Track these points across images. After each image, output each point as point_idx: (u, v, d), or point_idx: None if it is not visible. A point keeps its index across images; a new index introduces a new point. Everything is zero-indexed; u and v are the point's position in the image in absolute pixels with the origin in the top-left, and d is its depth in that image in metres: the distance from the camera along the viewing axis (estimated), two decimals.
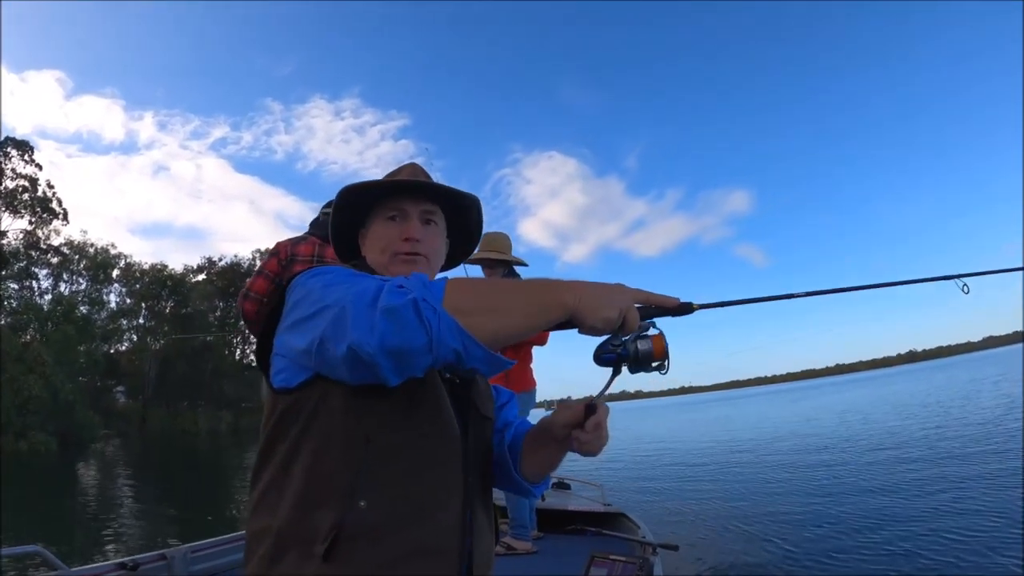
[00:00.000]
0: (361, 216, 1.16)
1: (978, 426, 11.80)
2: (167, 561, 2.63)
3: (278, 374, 0.92)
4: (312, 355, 0.82)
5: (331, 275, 0.90)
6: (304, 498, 0.84)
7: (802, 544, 5.26)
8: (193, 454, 26.94)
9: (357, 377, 0.79)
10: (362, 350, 0.73)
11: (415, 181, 1.11)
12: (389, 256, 1.09)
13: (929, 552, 4.62)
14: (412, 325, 0.73)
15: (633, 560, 2.41)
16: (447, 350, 0.75)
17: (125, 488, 14.55)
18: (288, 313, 0.91)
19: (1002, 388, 21.54)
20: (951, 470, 7.74)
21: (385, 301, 0.74)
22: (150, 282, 48.00)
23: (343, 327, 0.76)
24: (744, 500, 7.51)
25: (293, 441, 0.88)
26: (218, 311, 58.26)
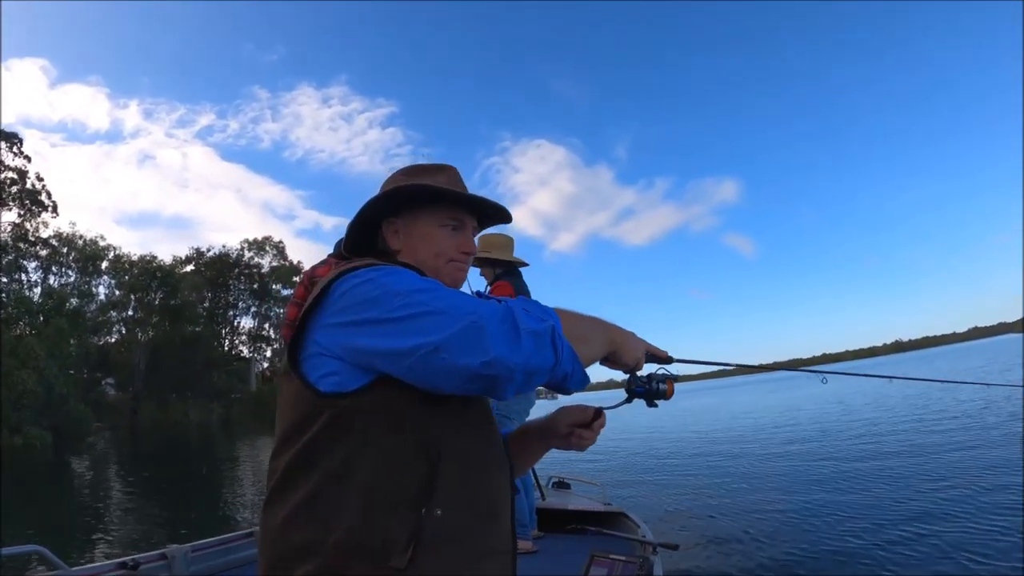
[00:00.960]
0: (394, 208, 1.12)
1: (967, 419, 12.03)
2: (168, 560, 2.61)
3: (328, 377, 0.88)
4: (413, 358, 0.81)
5: (410, 277, 0.90)
6: (371, 509, 0.83)
7: (804, 542, 5.28)
8: (186, 447, 27.01)
9: (461, 389, 0.83)
10: (507, 368, 0.78)
11: (489, 202, 1.13)
12: (440, 261, 1.10)
13: (930, 549, 4.64)
14: (547, 349, 0.81)
15: (633, 559, 2.41)
16: (562, 372, 0.84)
17: (123, 485, 14.57)
18: (347, 310, 0.88)
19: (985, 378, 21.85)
20: (954, 464, 7.82)
21: (529, 324, 0.81)
22: (139, 273, 47.69)
23: (478, 340, 0.78)
24: (744, 497, 7.53)
25: (349, 448, 0.86)
26: (206, 302, 58.22)
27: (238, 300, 63.08)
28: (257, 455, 20.23)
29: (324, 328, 0.90)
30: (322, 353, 0.89)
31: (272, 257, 65.41)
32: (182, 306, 49.47)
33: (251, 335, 64.60)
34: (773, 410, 24.08)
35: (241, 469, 17.31)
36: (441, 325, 0.80)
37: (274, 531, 0.86)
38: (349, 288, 0.89)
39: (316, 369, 0.89)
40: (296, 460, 0.87)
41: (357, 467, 0.85)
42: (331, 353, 0.88)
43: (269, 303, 64.48)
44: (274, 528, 0.87)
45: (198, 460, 20.40)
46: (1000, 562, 4.23)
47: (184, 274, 54.47)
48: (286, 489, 0.87)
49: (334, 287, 0.91)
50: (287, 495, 0.87)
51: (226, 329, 61.61)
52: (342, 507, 0.83)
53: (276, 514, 0.87)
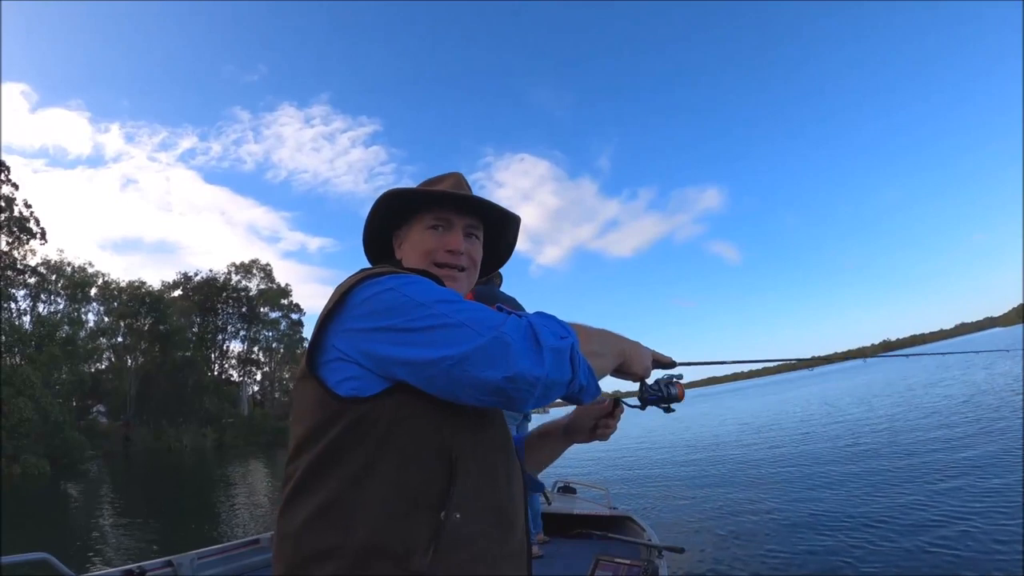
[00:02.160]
0: (398, 220, 1.17)
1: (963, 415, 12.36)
2: (173, 568, 2.62)
3: (347, 381, 0.89)
4: (436, 369, 0.83)
5: (431, 287, 0.91)
6: (391, 513, 0.84)
7: (807, 544, 5.30)
8: (181, 472, 26.79)
9: (481, 401, 0.84)
10: (527, 380, 0.80)
11: (466, 195, 1.13)
12: (428, 264, 1.11)
13: (934, 550, 4.63)
14: (566, 365, 0.83)
15: (638, 563, 2.40)
16: (578, 386, 0.87)
17: (124, 509, 14.38)
18: (368, 317, 0.89)
19: (970, 375, 22.48)
20: (960, 458, 7.95)
21: (550, 341, 0.83)
22: (128, 300, 47.29)
23: (502, 355, 0.80)
24: (748, 501, 7.52)
25: (368, 453, 0.86)
26: (195, 326, 57.76)
27: (227, 324, 62.75)
28: (252, 477, 20.26)
29: (343, 333, 0.90)
30: (341, 358, 0.90)
31: (260, 280, 65.37)
32: (172, 331, 48.94)
33: (240, 359, 64.23)
34: (771, 411, 24.41)
35: (240, 489, 17.48)
36: (465, 338, 0.82)
37: (292, 535, 0.86)
38: (371, 295, 0.90)
39: (335, 373, 0.90)
40: (315, 464, 0.88)
41: (377, 471, 0.85)
42: (350, 358, 0.89)
43: (258, 326, 64.22)
44: (292, 532, 0.86)
45: (195, 484, 20.36)
46: (1001, 561, 4.24)
47: (173, 299, 54.09)
48: (304, 493, 0.87)
49: (354, 293, 0.92)
50: (305, 499, 0.87)
51: (215, 353, 61.20)
52: (362, 511, 0.84)
53: (294, 518, 0.87)
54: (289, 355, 67.12)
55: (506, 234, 1.26)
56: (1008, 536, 4.67)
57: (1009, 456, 7.81)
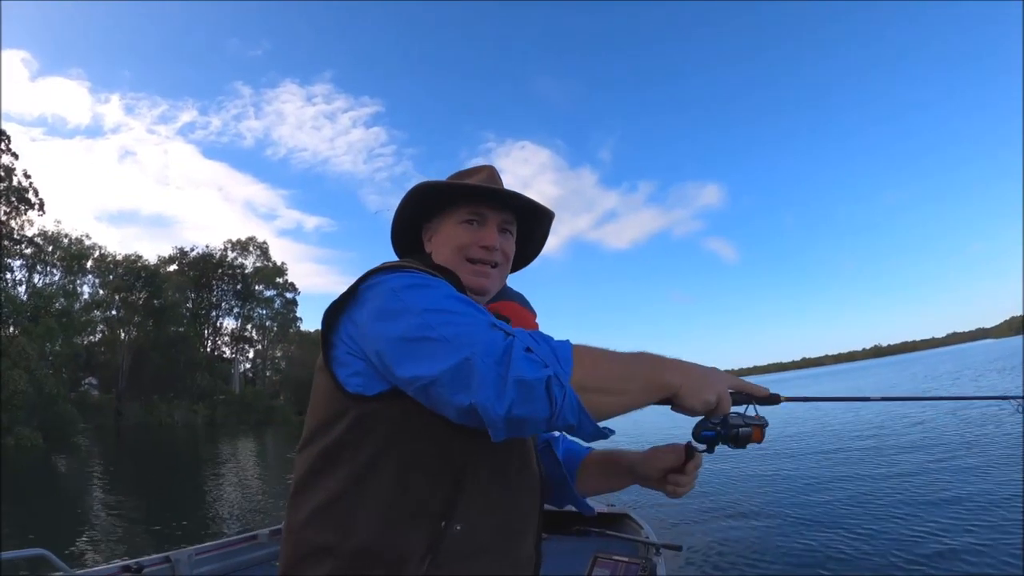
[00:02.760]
0: (428, 213, 1.13)
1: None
2: (171, 563, 2.59)
3: (354, 377, 0.88)
4: (413, 388, 0.80)
5: (431, 294, 0.85)
6: (391, 517, 0.82)
7: (806, 543, 5.26)
8: (173, 448, 26.95)
9: (462, 422, 0.78)
10: (485, 413, 0.73)
11: (503, 189, 1.09)
12: (461, 259, 1.07)
13: (934, 552, 4.62)
14: (540, 400, 0.73)
15: (636, 561, 2.37)
16: (563, 424, 0.76)
17: (120, 489, 14.55)
18: (372, 317, 0.87)
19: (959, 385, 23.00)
20: (952, 461, 7.99)
21: (518, 371, 0.72)
22: (124, 273, 47.12)
23: (467, 381, 0.74)
24: (747, 498, 7.48)
25: (370, 454, 0.85)
26: (189, 302, 57.66)
27: (221, 300, 62.72)
28: (243, 458, 20.40)
29: (349, 328, 0.90)
30: (351, 351, 0.89)
31: (256, 258, 65.24)
32: (166, 306, 48.93)
33: (234, 336, 64.30)
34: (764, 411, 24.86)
35: (231, 471, 17.48)
36: (441, 355, 0.77)
37: (295, 529, 0.87)
38: (376, 293, 0.89)
39: (344, 367, 0.89)
40: (319, 458, 0.88)
41: (379, 473, 0.84)
42: (357, 352, 0.88)
43: (252, 304, 64.21)
44: (296, 526, 0.87)
45: (187, 464, 20.32)
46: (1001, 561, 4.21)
47: (168, 274, 53.93)
48: (308, 487, 0.88)
49: (365, 286, 0.91)
50: (308, 493, 0.87)
51: (208, 330, 61.18)
52: (361, 512, 0.83)
53: (298, 511, 0.88)
54: (282, 334, 67.24)
55: (537, 229, 1.21)
56: (1008, 537, 4.63)
57: (1007, 466, 7.76)
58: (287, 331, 67.64)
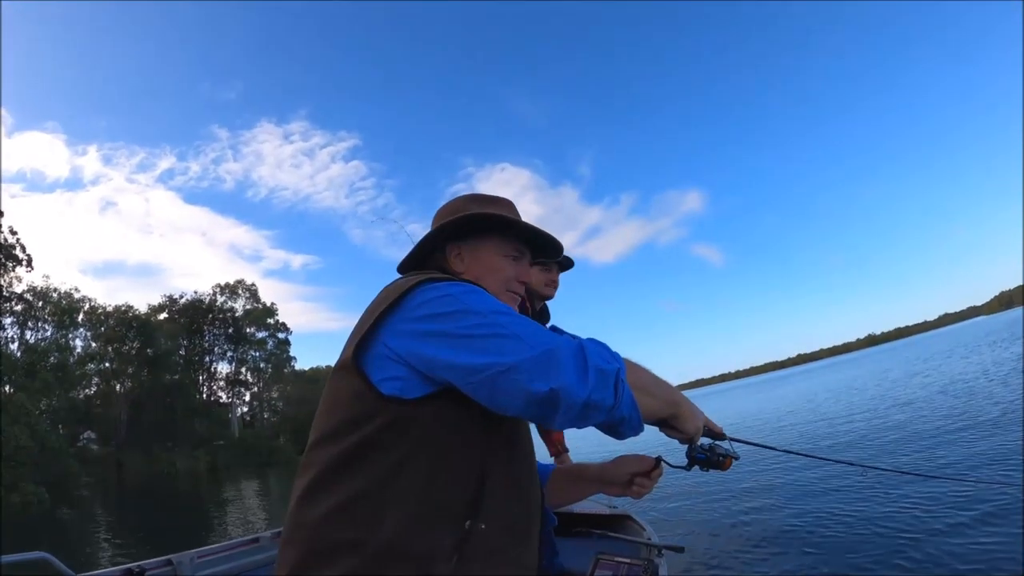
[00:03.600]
0: (462, 233, 1.18)
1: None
2: (173, 567, 2.59)
3: (392, 380, 0.90)
4: (483, 375, 0.84)
5: (488, 298, 0.94)
6: (419, 515, 0.85)
7: (807, 543, 5.21)
8: (181, 498, 26.34)
9: (523, 412, 0.85)
10: (568, 396, 0.81)
11: (557, 241, 1.23)
12: (502, 288, 1.16)
13: (939, 551, 4.46)
14: (610, 389, 0.84)
15: (639, 562, 2.32)
16: (618, 415, 0.86)
17: (129, 534, 13.97)
18: (424, 320, 0.91)
19: (948, 365, 22.50)
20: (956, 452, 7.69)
21: (598, 362, 0.84)
22: (115, 324, 46.79)
23: (549, 368, 0.81)
24: (749, 500, 7.40)
25: (401, 454, 0.87)
26: (182, 349, 57.22)
27: (213, 345, 62.32)
28: (254, 499, 20.18)
29: (396, 333, 0.92)
30: (389, 356, 0.91)
31: (246, 300, 65.05)
32: (160, 355, 48.58)
33: (228, 380, 63.70)
34: (761, 408, 24.68)
35: (242, 510, 17.32)
36: (516, 349, 0.84)
37: (312, 525, 0.86)
38: (429, 299, 0.92)
39: (380, 370, 0.91)
40: (344, 456, 0.88)
41: (409, 473, 0.87)
42: (398, 358, 0.90)
43: (245, 347, 63.82)
44: (311, 522, 0.86)
45: (196, 509, 19.95)
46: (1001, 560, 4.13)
47: (160, 322, 53.58)
48: (329, 484, 0.88)
49: (413, 294, 0.94)
50: (329, 489, 0.87)
51: (203, 375, 60.68)
52: (389, 510, 0.85)
53: (315, 508, 0.87)
54: (277, 375, 66.78)
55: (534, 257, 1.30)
56: (1008, 535, 4.48)
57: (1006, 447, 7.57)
58: (282, 371, 67.23)
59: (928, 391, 14.64)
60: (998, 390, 11.85)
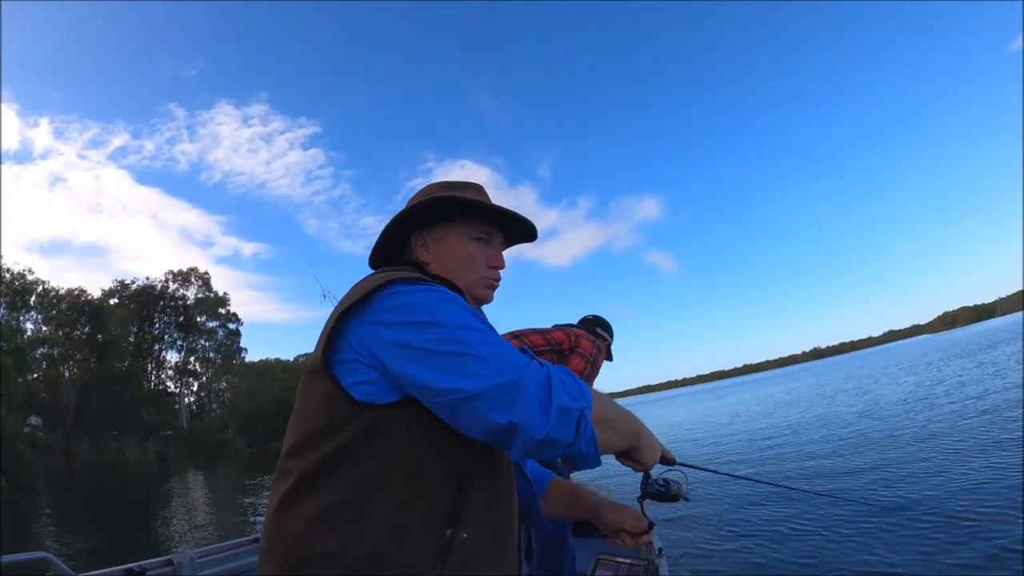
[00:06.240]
0: (426, 220, 1.12)
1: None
2: (174, 567, 2.59)
3: (364, 385, 0.87)
4: (443, 399, 0.81)
5: (456, 309, 0.87)
6: (399, 525, 0.83)
7: (808, 544, 5.19)
8: (135, 488, 26.01)
9: (482, 437, 0.82)
10: (527, 432, 0.78)
11: (525, 218, 1.14)
12: (476, 278, 1.11)
13: (942, 550, 4.39)
14: (571, 428, 0.81)
15: (639, 562, 2.37)
16: (575, 451, 0.84)
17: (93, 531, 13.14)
18: (391, 326, 0.86)
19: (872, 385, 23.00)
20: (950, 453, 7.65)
21: (563, 399, 0.81)
22: (67, 308, 45.54)
23: (512, 401, 0.78)
24: (749, 500, 7.38)
25: (379, 462, 0.84)
26: (132, 336, 55.80)
27: (164, 333, 60.98)
28: (208, 493, 20.11)
29: (363, 336, 0.88)
30: (359, 359, 0.87)
31: (198, 288, 63.89)
32: (111, 341, 47.47)
33: (177, 369, 62.46)
34: (757, 414, 24.43)
35: (192, 501, 17.40)
36: (482, 372, 0.80)
37: (292, 536, 0.84)
38: (398, 304, 0.88)
39: (351, 374, 0.87)
40: (321, 464, 0.85)
41: (387, 481, 0.84)
42: (367, 361, 0.87)
43: (195, 336, 62.70)
44: (292, 533, 0.84)
45: (155, 500, 19.38)
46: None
47: (112, 307, 52.21)
48: (306, 493, 0.85)
49: (380, 295, 0.89)
50: (308, 499, 0.84)
51: (152, 364, 59.32)
52: (370, 519, 0.82)
53: (295, 518, 0.84)
54: (227, 366, 65.80)
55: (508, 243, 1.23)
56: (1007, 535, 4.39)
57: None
58: (231, 363, 66.29)
59: (847, 411, 15.58)
60: (917, 409, 12.65)
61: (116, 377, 46.87)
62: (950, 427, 9.53)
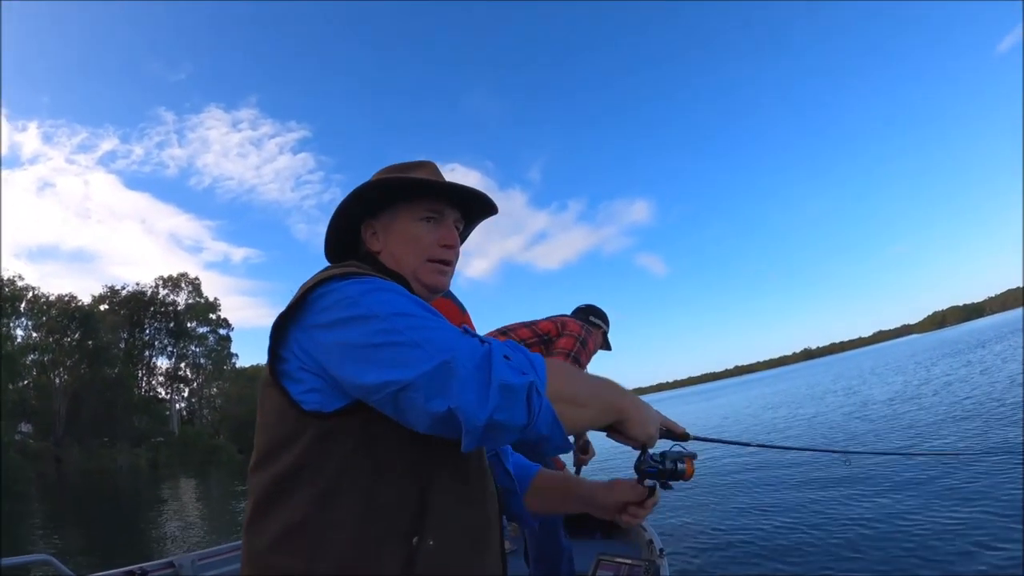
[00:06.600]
0: (370, 209, 1.06)
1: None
2: (175, 569, 2.59)
3: (308, 393, 0.82)
4: (380, 395, 0.76)
5: (391, 298, 0.82)
6: (362, 539, 0.79)
7: (809, 545, 5.14)
8: (130, 493, 25.90)
9: (431, 431, 0.76)
10: (466, 417, 0.70)
11: (471, 189, 1.06)
12: (421, 257, 1.04)
13: (947, 549, 4.33)
14: (520, 407, 0.73)
15: (640, 563, 2.35)
16: (534, 434, 0.75)
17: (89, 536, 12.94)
18: (325, 327, 0.81)
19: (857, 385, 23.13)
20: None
21: (502, 376, 0.72)
22: (57, 315, 45.29)
23: (446, 385, 0.72)
24: (750, 501, 7.23)
25: (333, 473, 0.80)
26: (122, 343, 55.54)
27: (154, 339, 60.78)
28: (203, 501, 19.87)
29: (303, 340, 0.84)
30: (303, 367, 0.83)
31: (188, 294, 63.74)
32: (101, 348, 47.27)
33: (168, 375, 62.24)
34: (768, 406, 24.74)
35: (182, 504, 17.55)
36: (415, 360, 0.74)
37: (257, 555, 0.82)
38: (329, 304, 0.83)
39: (298, 383, 0.83)
40: (278, 480, 0.82)
41: (344, 493, 0.80)
42: (311, 367, 0.83)
43: (186, 342, 62.50)
44: (257, 552, 0.82)
45: (150, 502, 19.64)
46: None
47: (102, 313, 51.98)
48: (269, 510, 0.82)
49: (314, 296, 0.85)
50: (270, 517, 0.82)
51: (142, 370, 59.04)
52: (330, 535, 0.79)
53: (261, 536, 0.82)
54: (217, 372, 65.57)
55: (471, 224, 1.18)
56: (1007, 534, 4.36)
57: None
58: (222, 368, 66.06)
59: (837, 413, 15.71)
60: (904, 408, 12.87)
61: (107, 384, 46.64)
62: (936, 428, 9.67)
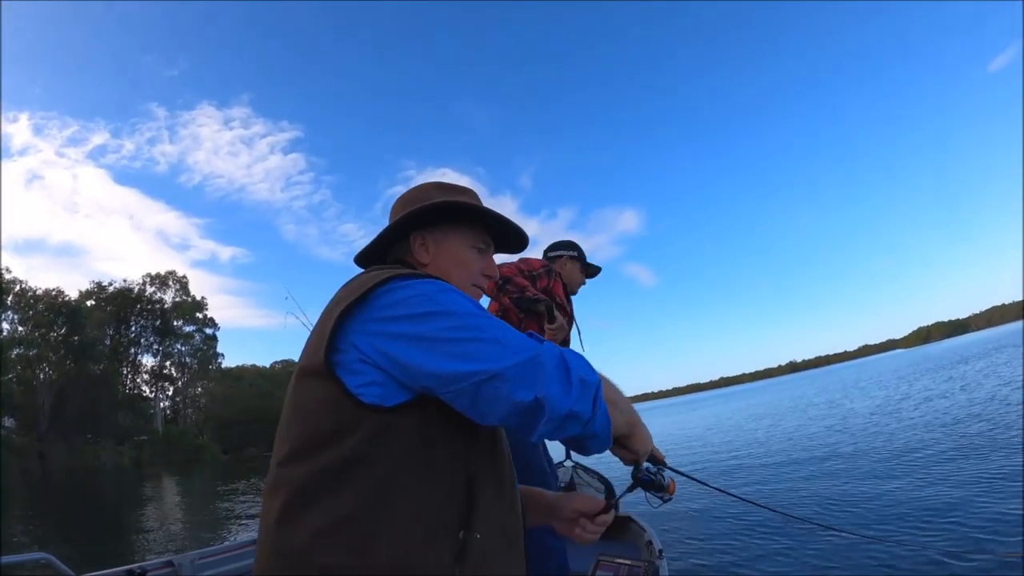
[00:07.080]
0: (426, 221, 1.12)
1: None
2: (174, 568, 2.59)
3: (370, 387, 0.83)
4: (467, 383, 0.79)
5: (462, 299, 0.88)
6: (414, 534, 0.80)
7: (809, 546, 5.15)
8: (114, 491, 25.72)
9: (503, 421, 0.81)
10: (551, 406, 0.78)
11: (522, 230, 1.19)
12: (467, 284, 1.14)
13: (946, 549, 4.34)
14: (590, 401, 0.82)
15: (639, 564, 2.36)
16: (591, 429, 0.84)
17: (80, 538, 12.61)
18: (396, 320, 0.84)
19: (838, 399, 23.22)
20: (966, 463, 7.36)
21: (580, 372, 0.82)
22: (44, 309, 44.85)
23: (534, 377, 0.78)
24: (749, 502, 7.52)
25: (389, 468, 0.81)
26: (108, 339, 55.02)
27: (140, 337, 60.26)
28: (195, 500, 19.58)
29: (366, 334, 0.85)
30: (363, 360, 0.84)
31: (175, 292, 63.33)
32: (87, 344, 46.86)
33: (153, 373, 61.70)
34: (751, 417, 24.99)
35: (165, 506, 17.18)
36: (499, 354, 0.79)
37: (293, 551, 0.79)
38: (403, 298, 0.86)
39: (356, 375, 0.84)
40: (327, 472, 0.81)
41: (398, 488, 0.81)
42: (371, 361, 0.84)
43: (171, 340, 62.05)
44: (294, 548, 0.79)
45: (135, 501, 19.36)
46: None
47: (89, 309, 51.50)
48: (310, 504, 0.80)
49: (381, 292, 0.87)
50: (312, 510, 0.80)
51: (127, 367, 58.51)
52: (384, 529, 0.79)
53: (298, 530, 0.79)
54: (202, 371, 65.15)
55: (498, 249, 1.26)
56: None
57: None
58: (207, 368, 65.69)
59: (816, 426, 15.75)
60: (884, 421, 12.95)
61: (91, 380, 46.19)
62: (917, 441, 9.70)
